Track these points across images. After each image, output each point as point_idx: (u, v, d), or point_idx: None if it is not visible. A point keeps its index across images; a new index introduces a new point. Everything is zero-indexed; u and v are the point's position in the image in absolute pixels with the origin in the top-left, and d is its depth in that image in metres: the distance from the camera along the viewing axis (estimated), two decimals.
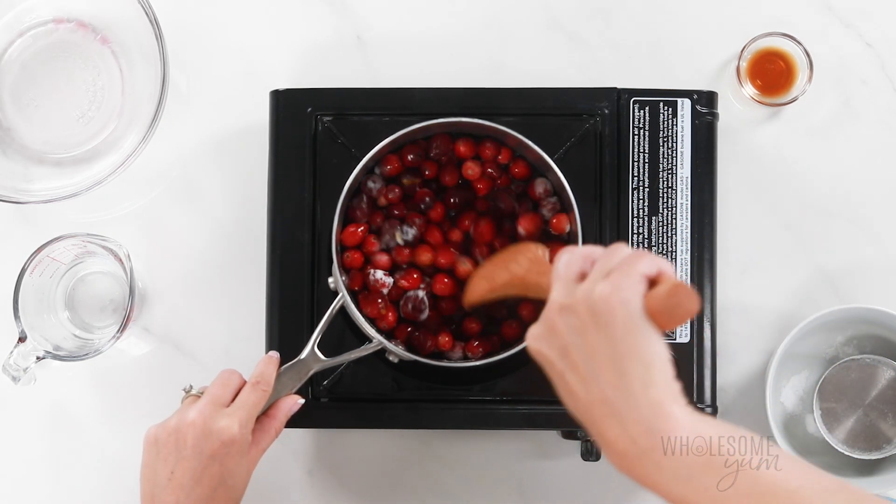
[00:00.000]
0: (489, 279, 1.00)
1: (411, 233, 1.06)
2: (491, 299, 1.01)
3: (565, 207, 1.06)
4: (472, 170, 1.07)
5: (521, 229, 1.06)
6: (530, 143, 1.05)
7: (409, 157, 1.07)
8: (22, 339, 1.10)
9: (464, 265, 1.06)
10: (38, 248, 1.11)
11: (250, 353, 1.10)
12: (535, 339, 0.83)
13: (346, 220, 1.06)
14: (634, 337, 0.77)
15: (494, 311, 1.06)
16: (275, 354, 1.03)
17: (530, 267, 0.97)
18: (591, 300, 0.78)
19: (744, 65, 1.15)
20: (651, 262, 0.80)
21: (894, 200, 1.17)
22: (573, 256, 0.84)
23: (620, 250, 0.82)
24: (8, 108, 1.19)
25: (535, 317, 0.85)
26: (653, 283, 0.80)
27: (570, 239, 1.06)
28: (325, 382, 1.07)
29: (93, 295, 1.18)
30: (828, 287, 1.16)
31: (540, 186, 1.07)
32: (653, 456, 0.76)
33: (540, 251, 0.98)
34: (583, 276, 0.82)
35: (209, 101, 1.19)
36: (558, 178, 1.04)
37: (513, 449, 1.15)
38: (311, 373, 1.03)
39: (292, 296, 1.08)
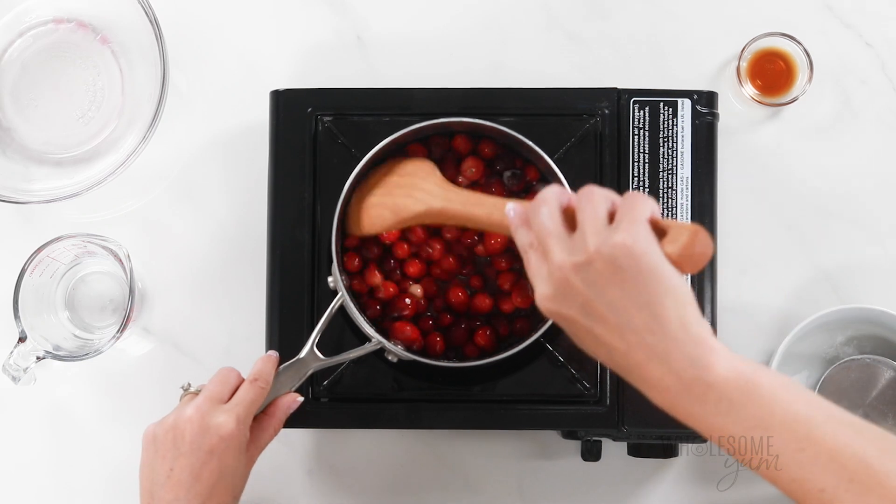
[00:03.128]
0: (394, 210, 1.01)
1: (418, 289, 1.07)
2: (395, 229, 1.02)
3: None
4: (473, 168, 1.07)
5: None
6: (530, 143, 1.05)
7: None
8: (22, 339, 1.10)
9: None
10: (38, 248, 1.11)
11: (250, 353, 1.10)
12: (550, 300, 0.83)
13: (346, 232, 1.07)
14: (663, 282, 0.79)
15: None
16: (273, 353, 1.03)
17: (447, 196, 0.99)
18: (610, 252, 0.79)
19: (744, 65, 1.15)
20: (648, 204, 0.82)
21: (894, 200, 1.17)
22: (551, 208, 0.84)
23: (601, 194, 0.83)
24: (8, 108, 1.19)
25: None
26: (656, 227, 0.81)
27: None
28: (324, 382, 1.07)
29: (93, 295, 1.18)
30: (828, 287, 1.16)
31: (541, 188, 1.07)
32: (696, 389, 0.79)
33: (438, 172, 0.99)
34: (569, 221, 0.83)
35: (209, 101, 1.19)
36: (558, 179, 1.04)
37: (513, 449, 1.15)
38: (310, 372, 1.03)
39: (292, 295, 1.08)
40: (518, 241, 0.86)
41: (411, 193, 1.00)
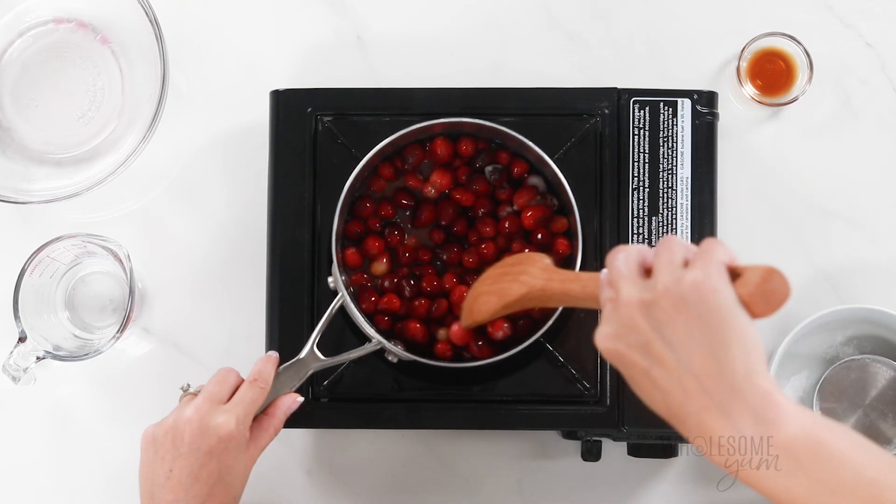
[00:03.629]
0: (500, 295, 0.98)
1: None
2: (501, 315, 0.99)
3: (564, 209, 1.06)
4: (438, 182, 1.07)
5: (515, 206, 1.07)
6: (530, 143, 1.05)
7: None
8: (22, 339, 1.10)
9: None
10: (38, 249, 1.11)
11: (250, 353, 1.10)
12: (610, 340, 0.79)
13: (349, 217, 1.07)
14: (731, 324, 0.75)
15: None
16: (273, 354, 1.03)
17: (547, 276, 0.95)
18: (679, 291, 0.76)
19: (744, 65, 1.15)
20: (725, 250, 0.78)
21: (894, 200, 1.17)
22: (630, 254, 0.81)
23: (679, 242, 0.79)
24: (8, 108, 1.19)
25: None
26: (732, 272, 0.78)
27: (569, 233, 1.06)
28: (324, 382, 1.07)
29: (93, 295, 1.18)
30: (828, 287, 1.16)
31: (535, 180, 1.07)
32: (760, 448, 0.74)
33: (547, 260, 0.97)
34: (646, 272, 0.80)
35: (209, 101, 1.19)
36: (558, 179, 1.04)
37: (513, 449, 1.15)
38: (310, 372, 1.03)
39: (292, 296, 1.08)
40: (601, 299, 0.82)
41: (517, 279, 0.97)
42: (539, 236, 1.06)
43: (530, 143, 1.05)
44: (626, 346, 0.78)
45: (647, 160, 1.09)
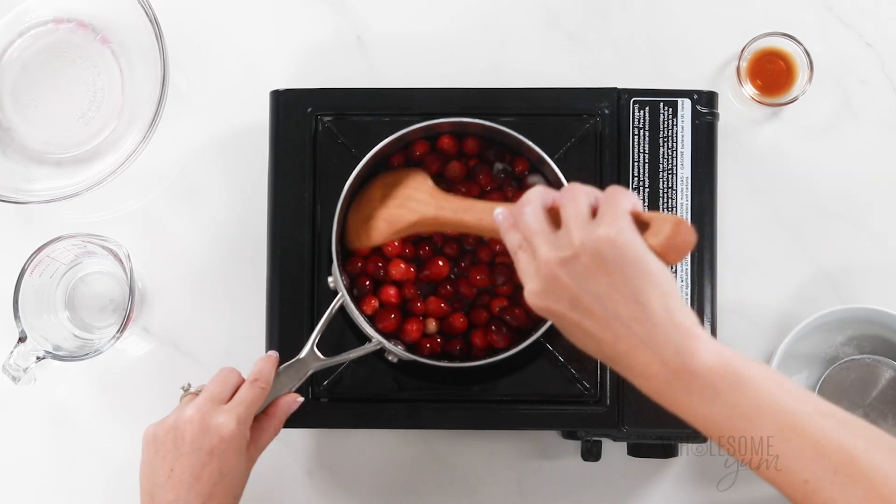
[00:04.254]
0: (389, 221, 1.02)
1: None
2: (392, 239, 1.03)
3: None
4: (456, 170, 1.07)
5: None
6: (530, 143, 1.05)
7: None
8: (22, 339, 1.10)
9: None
10: (38, 248, 1.11)
11: (250, 353, 1.10)
12: (539, 296, 0.84)
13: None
14: (647, 271, 0.80)
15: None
16: (273, 353, 1.03)
17: (438, 204, 1.00)
18: (595, 246, 0.81)
19: (744, 65, 1.15)
20: (629, 197, 0.83)
21: (894, 200, 1.17)
22: (535, 208, 0.85)
23: (582, 190, 0.84)
24: (8, 108, 1.19)
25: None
26: (638, 220, 0.82)
27: None
28: (325, 382, 1.07)
29: (93, 295, 1.18)
30: (828, 287, 1.16)
31: (535, 178, 1.07)
32: (682, 377, 0.79)
33: (429, 181, 1.00)
34: (553, 216, 0.85)
35: (209, 101, 1.19)
36: (558, 179, 1.04)
37: (513, 449, 1.15)
38: (311, 372, 1.03)
39: (292, 296, 1.08)
40: (507, 244, 0.88)
41: (404, 204, 1.02)
42: None
43: (530, 143, 1.05)
44: (554, 301, 0.83)
45: (647, 160, 1.09)
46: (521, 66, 1.18)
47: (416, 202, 1.01)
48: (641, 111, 1.09)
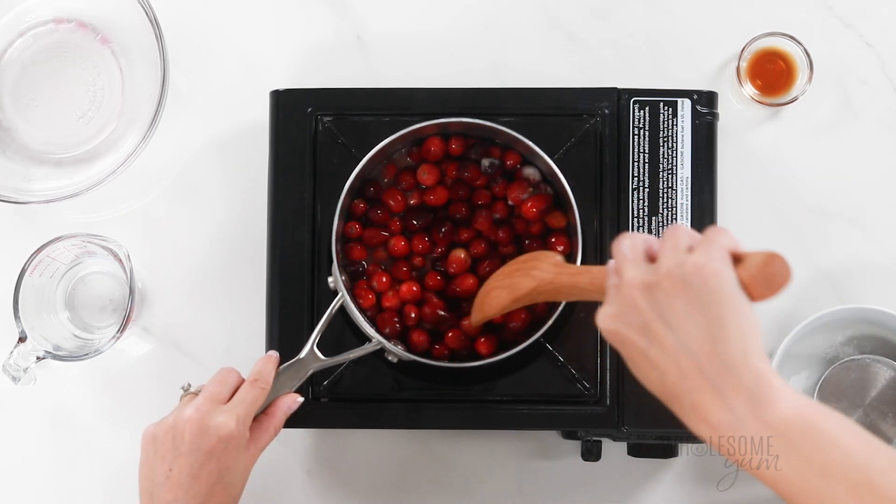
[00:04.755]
0: (510, 289, 0.99)
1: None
2: (511, 309, 1.00)
3: (564, 208, 1.06)
4: (426, 173, 1.07)
5: (510, 201, 1.07)
6: (530, 143, 1.05)
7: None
8: (22, 339, 1.10)
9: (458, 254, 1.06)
10: (38, 248, 1.11)
11: (250, 353, 1.10)
12: (611, 319, 0.80)
13: (348, 218, 1.07)
14: (729, 306, 0.76)
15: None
16: (273, 353, 1.03)
17: (558, 270, 0.97)
18: (681, 273, 0.77)
19: (744, 65, 1.15)
20: (729, 237, 0.79)
21: (894, 200, 1.17)
22: (636, 240, 0.82)
23: (685, 230, 0.81)
24: (8, 108, 1.19)
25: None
26: (735, 258, 0.79)
27: (569, 232, 1.06)
28: (324, 382, 1.07)
29: (93, 295, 1.18)
30: (828, 287, 1.16)
31: (529, 171, 1.07)
32: (751, 426, 0.75)
33: (558, 256, 0.98)
34: (651, 258, 0.81)
35: (209, 101, 1.19)
36: (558, 179, 1.04)
37: (513, 449, 1.15)
38: (310, 372, 1.03)
39: (292, 296, 1.08)
40: (607, 285, 0.83)
41: (528, 273, 0.99)
42: (536, 230, 1.06)
43: (530, 143, 1.05)
44: (625, 325, 0.79)
45: (647, 160, 1.09)
46: (521, 66, 1.18)
47: (539, 271, 0.98)
48: (641, 111, 1.09)
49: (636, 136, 1.09)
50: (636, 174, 1.09)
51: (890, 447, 0.76)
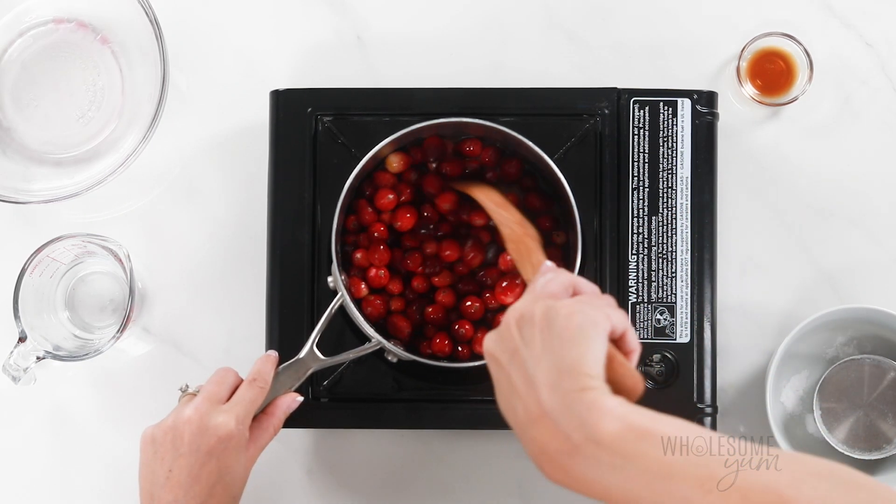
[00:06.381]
0: (503, 201, 1.03)
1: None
2: (481, 207, 1.03)
3: (564, 210, 1.06)
4: (447, 203, 1.08)
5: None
6: (530, 143, 1.05)
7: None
8: (22, 339, 1.10)
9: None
10: (38, 248, 1.11)
11: (250, 353, 1.10)
12: (490, 341, 0.83)
13: (349, 214, 1.07)
14: (585, 347, 0.78)
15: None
16: (273, 353, 1.03)
17: (534, 237, 0.99)
18: (550, 313, 0.79)
19: (744, 65, 1.15)
20: (622, 318, 0.81)
21: (894, 200, 1.17)
22: (557, 278, 0.84)
23: (603, 297, 0.84)
24: (8, 108, 1.19)
25: None
26: (615, 341, 0.81)
27: (567, 252, 1.06)
28: (324, 382, 1.07)
29: (93, 295, 1.18)
30: (828, 287, 1.16)
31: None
32: (586, 450, 0.74)
33: (541, 253, 0.99)
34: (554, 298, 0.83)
35: (209, 101, 1.19)
36: (558, 179, 1.04)
37: (513, 449, 1.15)
38: (310, 372, 1.03)
39: (292, 296, 1.08)
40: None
41: (522, 224, 1.03)
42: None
43: (530, 143, 1.05)
44: (500, 349, 0.81)
45: (646, 160, 1.09)
46: (521, 66, 1.18)
47: (524, 228, 1.02)
48: (641, 111, 1.09)
49: (636, 136, 1.09)
50: (636, 174, 1.09)
51: (724, 434, 0.75)
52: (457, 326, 1.06)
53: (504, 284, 1.05)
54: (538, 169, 1.07)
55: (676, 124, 1.09)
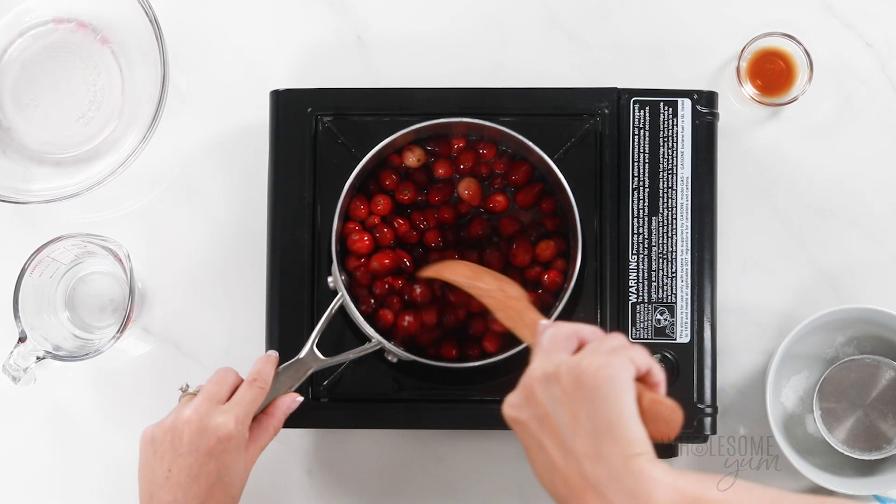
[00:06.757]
0: (475, 273, 1.01)
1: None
2: (457, 287, 1.02)
3: (563, 209, 1.06)
4: (468, 190, 1.07)
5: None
6: (530, 143, 1.05)
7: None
8: (22, 339, 1.10)
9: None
10: (38, 249, 1.11)
11: (250, 353, 1.10)
12: (513, 407, 0.82)
13: (347, 218, 1.07)
14: (618, 414, 0.77)
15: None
16: (273, 353, 1.03)
17: (518, 298, 0.98)
18: (577, 371, 0.78)
19: (744, 65, 1.15)
20: (644, 356, 0.80)
21: (894, 200, 1.17)
22: (559, 331, 0.83)
23: (616, 337, 0.82)
24: (8, 108, 1.19)
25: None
26: (640, 379, 0.80)
27: (566, 233, 1.06)
28: (324, 382, 1.07)
29: (93, 295, 1.18)
30: (828, 287, 1.16)
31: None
32: None
33: (528, 299, 0.99)
34: (580, 347, 0.83)
35: (209, 101, 1.19)
36: (558, 179, 1.04)
37: (513, 449, 1.15)
38: (310, 372, 1.03)
39: (292, 296, 1.08)
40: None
41: (497, 280, 1.02)
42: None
43: (530, 143, 1.05)
44: (526, 415, 0.80)
45: (647, 160, 1.09)
46: (521, 66, 1.18)
47: (509, 285, 1.01)
48: (641, 111, 1.09)
49: (636, 136, 1.09)
50: (636, 174, 1.09)
51: (779, 492, 0.76)
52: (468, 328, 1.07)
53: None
54: (538, 169, 1.07)
55: (676, 124, 1.09)
